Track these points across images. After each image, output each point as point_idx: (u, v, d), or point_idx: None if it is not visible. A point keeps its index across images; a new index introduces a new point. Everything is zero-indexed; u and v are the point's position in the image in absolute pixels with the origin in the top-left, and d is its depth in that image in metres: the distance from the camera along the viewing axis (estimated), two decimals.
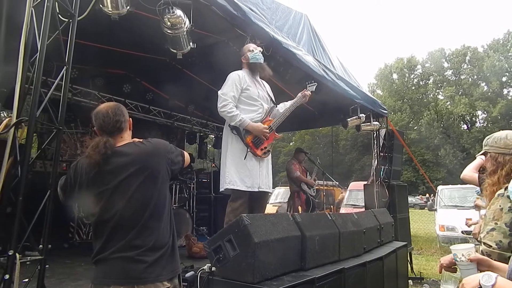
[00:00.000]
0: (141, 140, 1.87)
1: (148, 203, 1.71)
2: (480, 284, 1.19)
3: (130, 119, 1.92)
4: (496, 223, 1.70)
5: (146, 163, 1.76)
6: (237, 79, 3.28)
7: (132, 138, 1.92)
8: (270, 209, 10.89)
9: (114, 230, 1.67)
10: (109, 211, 1.68)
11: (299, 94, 3.64)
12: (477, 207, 4.32)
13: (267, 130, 3.32)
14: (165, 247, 1.72)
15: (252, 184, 3.22)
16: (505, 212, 1.68)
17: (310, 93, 3.67)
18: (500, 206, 1.72)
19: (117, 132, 1.82)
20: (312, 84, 3.73)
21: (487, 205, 1.91)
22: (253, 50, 3.43)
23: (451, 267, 1.73)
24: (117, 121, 1.81)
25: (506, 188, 1.70)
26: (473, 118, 40.75)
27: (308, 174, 6.54)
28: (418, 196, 29.94)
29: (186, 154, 2.02)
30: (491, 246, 1.68)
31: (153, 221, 1.72)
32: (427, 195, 29.05)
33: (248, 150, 3.24)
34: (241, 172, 3.21)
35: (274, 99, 3.64)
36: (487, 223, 1.76)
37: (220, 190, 3.32)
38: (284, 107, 3.60)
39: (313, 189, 6.38)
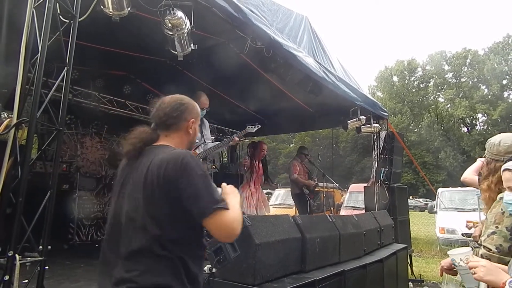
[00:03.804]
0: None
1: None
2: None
3: (192, 121, 1.60)
4: (497, 227, 1.69)
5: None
6: None
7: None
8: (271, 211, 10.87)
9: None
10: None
11: (228, 138, 4.23)
12: None
13: None
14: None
15: None
16: (507, 216, 1.67)
17: (238, 139, 4.23)
18: (501, 209, 1.70)
19: (162, 128, 1.55)
20: (253, 126, 4.03)
21: (485, 208, 1.90)
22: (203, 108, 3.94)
23: (452, 270, 1.72)
24: (165, 115, 1.55)
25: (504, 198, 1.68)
26: (474, 121, 40.75)
27: (308, 174, 6.53)
28: (419, 198, 29.82)
29: None
30: (491, 250, 1.67)
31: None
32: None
33: None
34: None
35: (206, 136, 4.18)
36: (488, 227, 1.75)
37: None
38: (211, 145, 4.12)
39: (312, 191, 6.37)
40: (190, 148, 1.59)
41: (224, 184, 1.58)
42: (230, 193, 1.54)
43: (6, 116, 2.30)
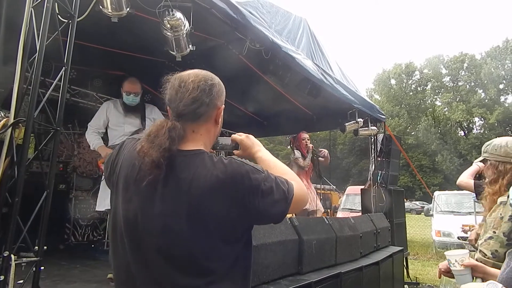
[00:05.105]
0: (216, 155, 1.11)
1: None
2: None
3: (223, 107, 1.19)
4: (494, 232, 1.69)
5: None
6: (103, 109, 3.70)
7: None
8: None
9: None
10: None
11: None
12: None
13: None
14: None
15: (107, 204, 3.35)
16: (505, 221, 1.66)
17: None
18: (500, 214, 1.70)
19: (190, 120, 1.10)
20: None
21: (485, 212, 1.90)
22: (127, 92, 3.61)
23: (450, 272, 1.73)
24: (195, 100, 1.08)
25: (509, 196, 1.68)
26: (470, 125, 41.00)
27: None
28: (415, 201, 29.92)
29: None
30: (486, 255, 1.67)
31: None
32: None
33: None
34: (102, 193, 3.48)
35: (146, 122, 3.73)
36: (486, 231, 1.75)
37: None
38: None
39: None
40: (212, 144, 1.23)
41: (237, 137, 1.27)
42: (253, 146, 1.24)
43: (3, 115, 2.30)
